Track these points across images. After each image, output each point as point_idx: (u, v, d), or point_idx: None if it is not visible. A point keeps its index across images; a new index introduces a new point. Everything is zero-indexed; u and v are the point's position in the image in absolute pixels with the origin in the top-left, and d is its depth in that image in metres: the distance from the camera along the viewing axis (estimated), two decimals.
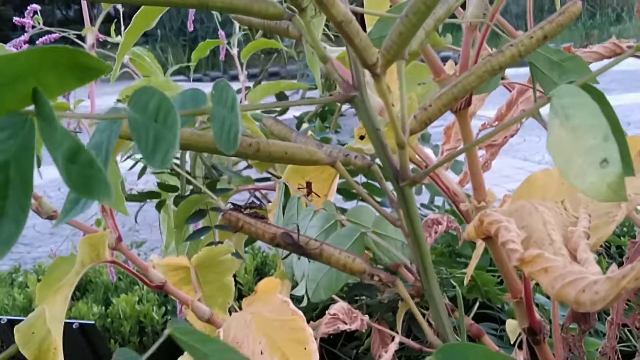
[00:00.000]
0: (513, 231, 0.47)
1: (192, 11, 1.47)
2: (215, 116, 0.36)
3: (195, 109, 0.38)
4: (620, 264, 0.86)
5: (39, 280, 1.89)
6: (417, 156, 0.69)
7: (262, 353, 0.73)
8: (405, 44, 0.39)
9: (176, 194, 1.25)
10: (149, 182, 1.30)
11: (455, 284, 1.41)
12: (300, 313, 0.85)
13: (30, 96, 0.33)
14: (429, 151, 0.74)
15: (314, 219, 0.53)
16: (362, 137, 0.60)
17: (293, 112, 1.91)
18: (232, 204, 0.46)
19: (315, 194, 0.59)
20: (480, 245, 0.75)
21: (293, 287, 1.00)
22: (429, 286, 0.44)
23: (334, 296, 1.21)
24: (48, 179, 0.89)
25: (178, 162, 1.30)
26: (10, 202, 0.34)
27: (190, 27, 1.71)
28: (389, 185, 0.46)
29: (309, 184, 0.59)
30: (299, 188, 0.58)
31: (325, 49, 0.43)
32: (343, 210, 0.55)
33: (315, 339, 0.67)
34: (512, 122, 0.43)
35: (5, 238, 0.34)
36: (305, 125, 1.78)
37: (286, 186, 0.57)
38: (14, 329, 0.72)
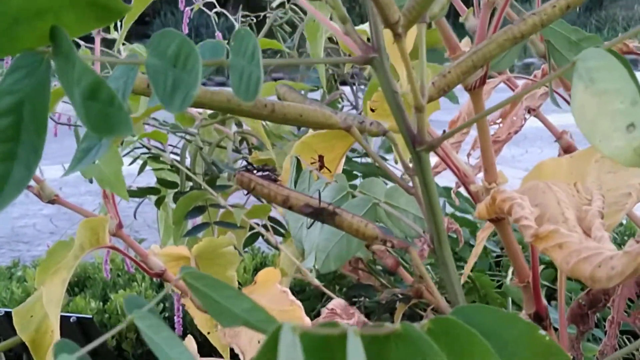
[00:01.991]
0: (527, 208, 0.46)
1: (186, 14, 1.47)
2: (234, 66, 0.35)
3: (213, 60, 0.37)
4: None
5: None
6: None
7: (259, 342, 0.72)
8: (428, 4, 0.39)
9: (175, 190, 1.24)
10: (151, 184, 1.30)
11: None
12: (299, 303, 0.84)
13: (48, 35, 0.32)
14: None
15: (325, 190, 0.52)
16: (372, 110, 0.59)
17: None
18: (246, 164, 0.45)
19: (327, 168, 0.59)
20: (479, 244, 0.74)
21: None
22: (442, 254, 0.43)
23: (332, 294, 1.20)
24: (49, 178, 0.88)
25: (178, 158, 1.29)
26: (22, 145, 0.33)
27: (185, 30, 1.70)
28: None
29: (321, 158, 0.58)
30: (311, 163, 0.58)
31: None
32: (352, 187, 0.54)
33: None
34: (531, 89, 0.43)
35: (15, 181, 0.33)
36: None
37: (298, 160, 0.56)
38: (13, 312, 0.71)
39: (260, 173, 0.44)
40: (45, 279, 0.75)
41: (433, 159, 0.73)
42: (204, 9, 1.45)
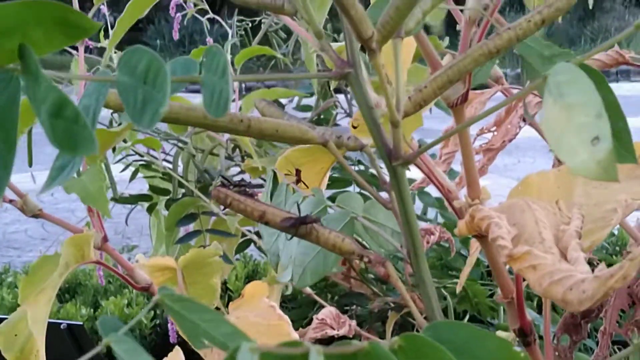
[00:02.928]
0: (504, 227, 0.46)
1: (177, 19, 1.46)
2: (206, 83, 0.35)
3: (185, 76, 0.37)
4: None
5: None
6: (410, 150, 0.69)
7: None
8: (402, 19, 0.39)
9: (168, 197, 1.24)
10: (144, 190, 1.30)
11: (446, 294, 1.40)
12: (287, 318, 0.84)
13: (16, 52, 0.32)
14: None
15: (303, 204, 0.52)
16: (355, 127, 0.60)
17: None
18: (222, 180, 0.45)
19: (304, 183, 0.59)
20: (473, 253, 0.74)
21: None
22: (419, 269, 0.43)
23: (324, 303, 1.20)
24: (41, 184, 0.88)
25: (170, 165, 1.29)
26: None
27: (176, 36, 1.69)
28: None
29: (298, 171, 0.58)
30: (286, 175, 0.58)
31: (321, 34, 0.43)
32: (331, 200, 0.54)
33: None
34: (507, 102, 0.43)
35: None
36: None
37: (275, 173, 0.56)
38: None
39: (236, 188, 0.44)
40: (29, 294, 0.75)
41: (420, 175, 0.73)
42: (197, 15, 1.45)
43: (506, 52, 0.42)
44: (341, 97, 1.61)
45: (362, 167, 1.49)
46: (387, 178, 0.44)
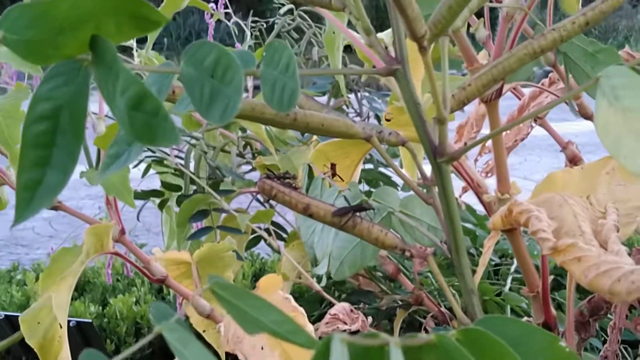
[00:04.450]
0: (544, 221, 0.47)
1: (211, 25, 1.46)
2: (265, 77, 0.36)
3: (244, 70, 0.38)
4: None
5: (37, 279, 1.89)
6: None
7: (262, 348, 0.73)
8: (454, 18, 0.40)
9: (179, 193, 1.25)
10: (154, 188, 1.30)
11: (454, 292, 1.41)
12: (302, 310, 0.85)
13: (87, 43, 0.33)
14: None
15: (339, 199, 0.53)
16: (388, 120, 0.60)
17: None
18: (267, 172, 0.46)
19: (340, 177, 0.59)
20: (487, 252, 0.75)
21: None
22: (460, 265, 0.44)
23: (333, 300, 1.21)
24: None
25: (182, 162, 1.30)
26: (58, 150, 0.33)
27: (210, 39, 1.69)
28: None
29: (333, 166, 0.59)
30: (324, 172, 0.59)
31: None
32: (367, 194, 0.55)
33: None
34: (546, 108, 0.44)
35: (50, 187, 0.33)
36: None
37: (310, 167, 0.57)
38: (19, 319, 0.72)
39: (281, 181, 0.44)
40: (50, 285, 0.76)
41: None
42: (222, 19, 1.45)
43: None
44: (350, 95, 1.62)
45: (371, 166, 1.50)
46: (428, 174, 0.45)
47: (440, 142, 0.43)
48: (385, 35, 0.68)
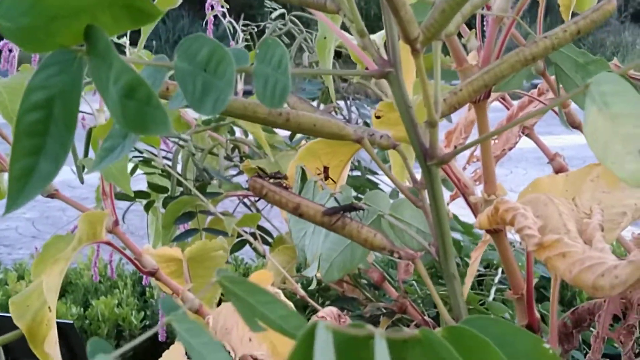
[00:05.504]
0: (530, 218, 0.47)
1: (211, 21, 1.46)
2: (258, 74, 0.36)
3: (238, 67, 0.38)
4: None
5: (18, 278, 1.87)
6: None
7: (250, 340, 0.73)
8: (447, 22, 0.40)
9: (166, 195, 1.24)
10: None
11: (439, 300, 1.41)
12: (292, 305, 0.85)
13: (82, 33, 0.33)
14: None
15: (330, 201, 0.53)
16: (378, 117, 0.61)
17: None
18: (259, 171, 0.46)
19: (332, 179, 0.60)
20: (474, 262, 0.75)
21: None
22: (448, 267, 0.44)
23: (317, 306, 1.20)
24: None
25: (170, 163, 1.29)
26: (51, 139, 0.33)
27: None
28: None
29: (326, 169, 0.59)
30: (317, 174, 0.59)
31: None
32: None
33: None
34: (536, 113, 0.44)
35: (42, 175, 0.33)
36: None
37: (303, 170, 0.57)
38: (9, 301, 0.72)
39: (272, 180, 0.45)
40: (42, 271, 0.76)
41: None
42: (211, 25, 1.44)
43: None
44: (340, 102, 1.62)
45: (358, 173, 1.50)
46: (418, 177, 0.45)
47: (430, 144, 0.43)
48: (377, 37, 0.68)
